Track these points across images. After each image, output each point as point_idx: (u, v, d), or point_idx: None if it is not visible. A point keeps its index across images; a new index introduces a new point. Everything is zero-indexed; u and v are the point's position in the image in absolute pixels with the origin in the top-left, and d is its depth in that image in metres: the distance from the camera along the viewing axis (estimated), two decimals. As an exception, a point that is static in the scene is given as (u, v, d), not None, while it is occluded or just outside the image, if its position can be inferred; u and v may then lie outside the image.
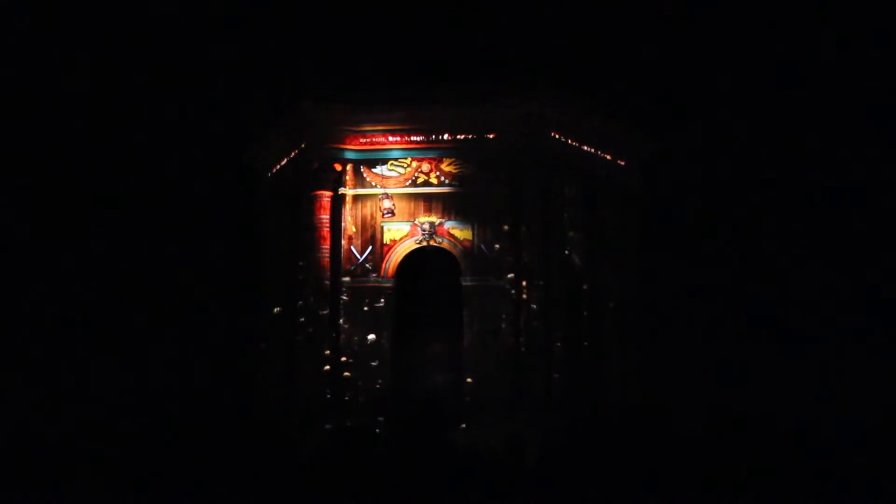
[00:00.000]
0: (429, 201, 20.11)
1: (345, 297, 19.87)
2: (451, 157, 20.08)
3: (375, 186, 20.05)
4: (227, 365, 22.79)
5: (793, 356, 22.41)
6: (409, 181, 20.11)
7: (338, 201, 20.11)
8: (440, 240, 20.01)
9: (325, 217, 19.94)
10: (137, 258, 24.67)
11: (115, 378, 21.29)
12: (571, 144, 20.60)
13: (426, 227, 19.97)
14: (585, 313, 20.47)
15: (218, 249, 24.67)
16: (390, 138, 20.25)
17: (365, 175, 20.13)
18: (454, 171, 20.00)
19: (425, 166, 20.13)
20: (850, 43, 24.40)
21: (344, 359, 19.62)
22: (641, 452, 5.31)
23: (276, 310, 21.15)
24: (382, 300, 19.94)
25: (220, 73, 25.16)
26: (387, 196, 19.89)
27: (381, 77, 21.49)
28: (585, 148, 20.95)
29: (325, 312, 19.66)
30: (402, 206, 20.18)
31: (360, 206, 20.18)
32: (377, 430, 16.94)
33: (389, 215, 19.95)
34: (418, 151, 20.18)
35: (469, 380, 19.35)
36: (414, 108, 20.06)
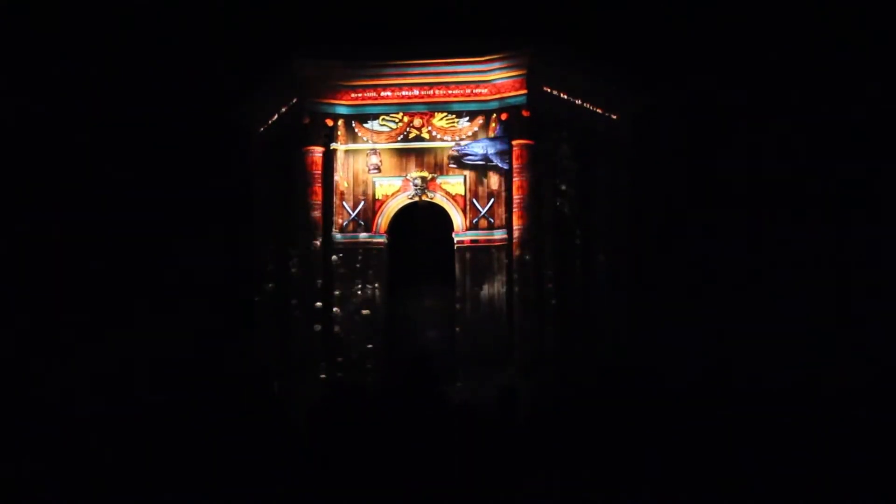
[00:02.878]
0: (420, 156, 20.10)
1: (336, 253, 19.94)
2: (442, 112, 20.05)
3: (367, 142, 20.03)
4: (221, 322, 22.82)
5: (790, 316, 22.37)
6: (401, 136, 20.08)
7: (329, 157, 20.09)
8: (432, 195, 20.03)
9: (317, 173, 19.91)
10: (125, 223, 24.51)
11: (106, 338, 21.29)
12: (564, 98, 20.53)
13: (418, 182, 19.97)
14: (577, 269, 20.53)
15: (210, 207, 24.54)
16: (382, 93, 20.18)
17: (356, 130, 20.10)
18: (446, 126, 19.97)
19: (417, 121, 20.07)
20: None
21: (336, 314, 19.73)
22: (631, 408, 5.40)
23: (268, 266, 21.21)
24: (374, 255, 20.02)
25: (207, 27, 24.82)
26: (374, 152, 19.88)
27: (373, 32, 21.30)
28: (578, 102, 20.89)
29: (318, 268, 19.73)
30: (393, 162, 20.16)
31: (351, 161, 20.16)
32: (369, 386, 17.07)
33: (376, 171, 19.96)
34: (410, 106, 20.12)
35: (461, 335, 19.50)
36: (405, 63, 19.94)
